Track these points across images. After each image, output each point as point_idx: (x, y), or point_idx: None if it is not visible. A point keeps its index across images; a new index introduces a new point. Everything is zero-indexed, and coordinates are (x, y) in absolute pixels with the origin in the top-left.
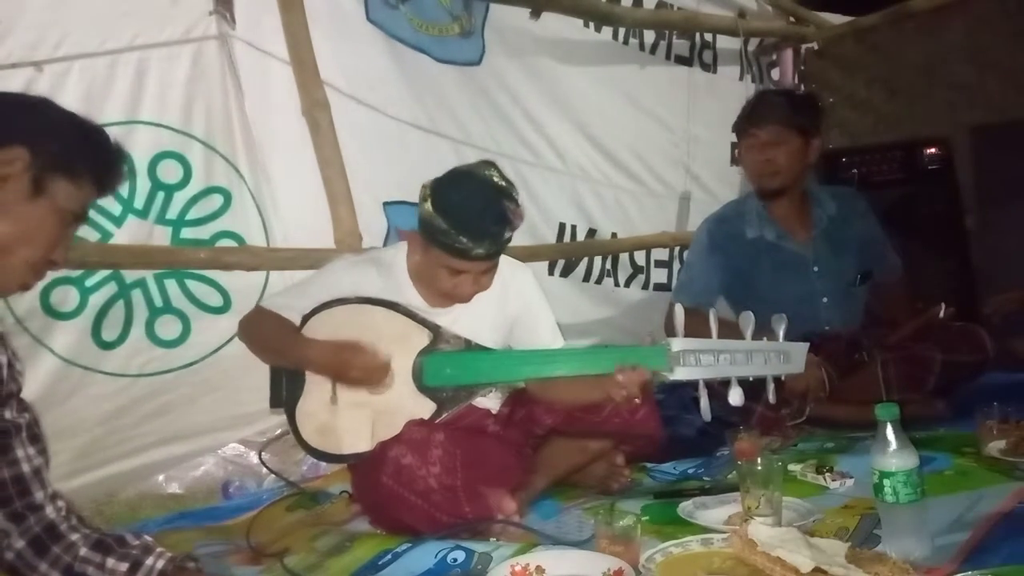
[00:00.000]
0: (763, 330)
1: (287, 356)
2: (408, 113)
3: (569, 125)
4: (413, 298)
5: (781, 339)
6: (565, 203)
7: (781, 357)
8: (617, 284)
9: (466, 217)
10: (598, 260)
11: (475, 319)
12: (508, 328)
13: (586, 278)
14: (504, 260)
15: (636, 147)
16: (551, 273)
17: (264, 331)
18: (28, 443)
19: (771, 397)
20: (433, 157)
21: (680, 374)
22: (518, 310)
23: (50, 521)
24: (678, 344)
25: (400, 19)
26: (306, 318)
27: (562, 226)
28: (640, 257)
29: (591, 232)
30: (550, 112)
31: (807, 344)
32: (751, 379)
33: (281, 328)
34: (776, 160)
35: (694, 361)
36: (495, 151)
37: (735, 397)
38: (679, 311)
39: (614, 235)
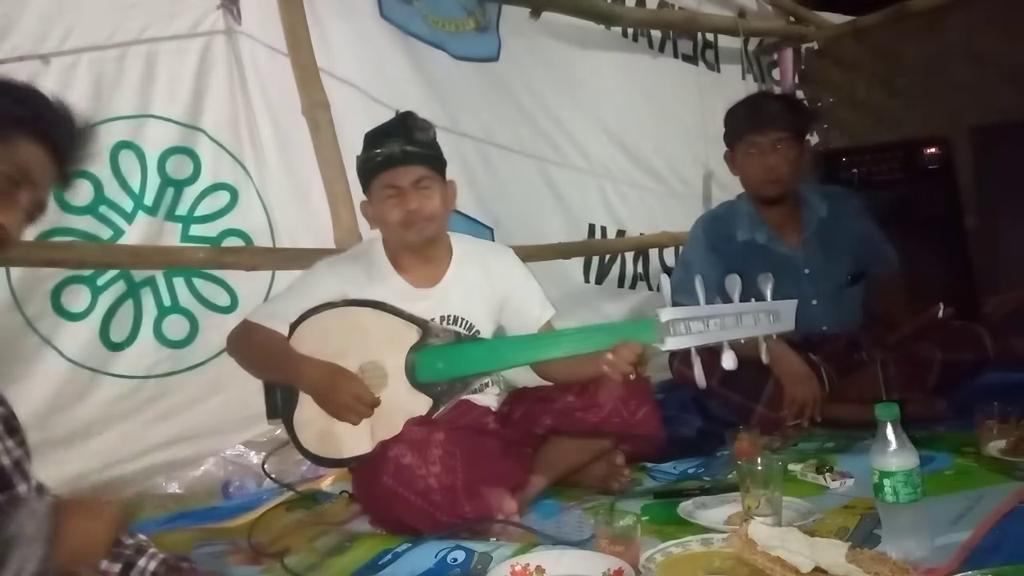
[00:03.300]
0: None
1: (279, 373)
2: (427, 111)
3: (589, 123)
4: (397, 283)
5: (768, 298)
6: (593, 204)
7: (770, 316)
8: (650, 288)
9: (373, 134)
10: (629, 264)
11: (465, 294)
12: (499, 306)
13: (620, 283)
14: (484, 244)
15: (656, 145)
16: (587, 280)
17: (254, 348)
18: (5, 436)
19: (764, 357)
20: (456, 157)
21: (671, 344)
22: (504, 288)
23: None
24: (667, 314)
25: (415, 15)
26: (294, 325)
27: (592, 227)
28: (670, 257)
29: (620, 233)
30: (570, 109)
31: (795, 301)
32: (743, 342)
33: (271, 343)
34: (779, 167)
35: (684, 329)
36: (519, 150)
37: (728, 361)
38: (665, 281)
39: (641, 234)
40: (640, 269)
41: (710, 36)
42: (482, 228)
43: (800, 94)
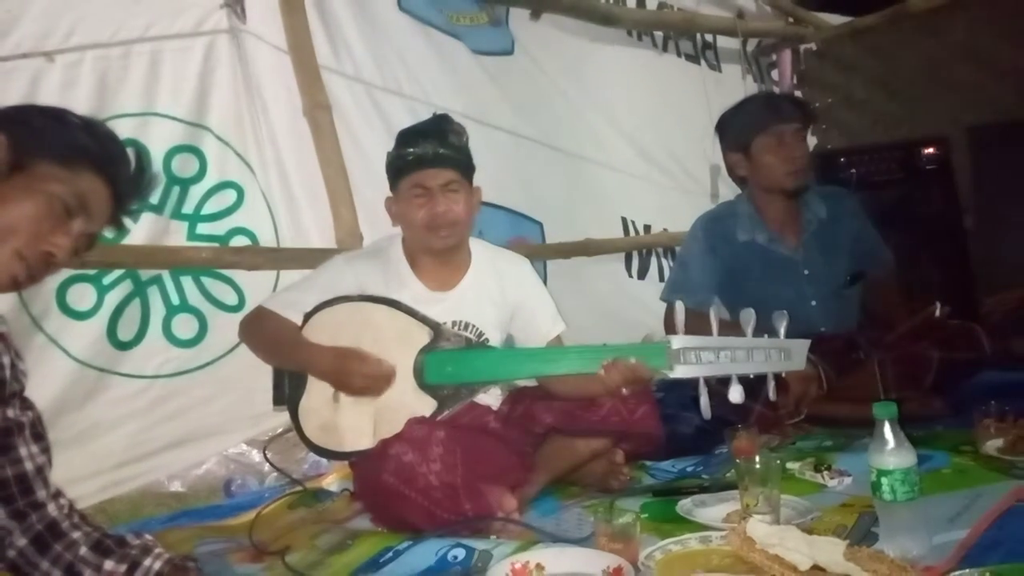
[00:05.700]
0: (761, 330)
1: (290, 360)
2: (452, 103)
3: (604, 118)
4: (413, 285)
5: (782, 336)
6: (623, 198)
7: (782, 354)
8: None
9: (407, 133)
10: (664, 260)
11: (478, 301)
12: (509, 314)
13: (660, 278)
14: (501, 252)
15: (666, 141)
16: (630, 275)
17: (266, 334)
18: (31, 441)
19: (771, 394)
20: (488, 150)
21: (680, 372)
22: (516, 298)
23: (52, 519)
24: (678, 342)
25: (432, 8)
26: (307, 316)
27: (624, 220)
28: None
29: (647, 228)
30: (586, 104)
31: (808, 341)
32: (752, 376)
33: (283, 330)
34: (802, 158)
35: (695, 359)
36: (548, 143)
37: (735, 395)
38: (680, 308)
39: (665, 230)
40: (671, 263)
41: (709, 37)
42: (531, 223)
43: (799, 95)
